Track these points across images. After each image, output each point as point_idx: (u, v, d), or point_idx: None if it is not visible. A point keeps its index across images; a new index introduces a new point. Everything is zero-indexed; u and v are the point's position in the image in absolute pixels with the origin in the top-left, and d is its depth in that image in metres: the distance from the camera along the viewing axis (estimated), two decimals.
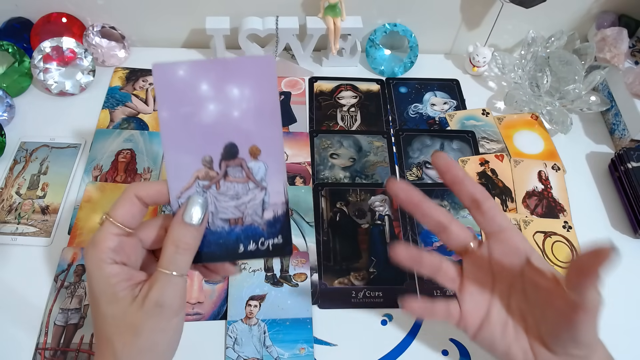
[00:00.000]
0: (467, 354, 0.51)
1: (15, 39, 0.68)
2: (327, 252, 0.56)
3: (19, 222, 0.56)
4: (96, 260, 0.33)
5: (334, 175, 0.63)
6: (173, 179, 0.34)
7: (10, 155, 0.61)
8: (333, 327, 0.52)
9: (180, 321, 0.35)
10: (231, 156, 0.35)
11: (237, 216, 0.36)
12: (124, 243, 0.34)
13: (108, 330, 0.33)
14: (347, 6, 0.69)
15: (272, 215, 0.36)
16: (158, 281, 0.33)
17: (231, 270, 0.38)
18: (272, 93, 0.35)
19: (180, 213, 0.34)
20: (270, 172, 0.36)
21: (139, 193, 0.34)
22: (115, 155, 0.62)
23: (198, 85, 0.34)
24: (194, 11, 0.70)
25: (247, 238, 0.36)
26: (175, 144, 0.34)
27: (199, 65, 0.34)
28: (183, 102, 0.34)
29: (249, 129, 0.35)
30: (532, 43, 0.70)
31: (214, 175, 0.35)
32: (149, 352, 0.33)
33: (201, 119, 0.34)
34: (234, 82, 0.34)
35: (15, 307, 0.51)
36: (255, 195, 0.36)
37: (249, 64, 0.34)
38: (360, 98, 0.72)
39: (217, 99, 0.34)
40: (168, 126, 0.34)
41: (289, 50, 0.73)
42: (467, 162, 0.65)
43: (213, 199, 0.35)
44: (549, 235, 0.59)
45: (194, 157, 0.34)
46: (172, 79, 0.33)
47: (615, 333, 0.54)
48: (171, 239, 0.33)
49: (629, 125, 0.67)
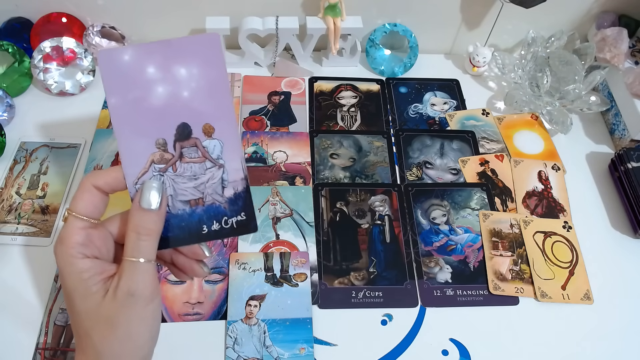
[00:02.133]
0: (467, 354, 0.51)
1: (15, 39, 0.68)
2: (327, 252, 0.56)
3: (19, 222, 0.56)
4: (66, 257, 0.32)
5: (334, 175, 0.63)
6: (128, 165, 0.34)
7: (10, 155, 0.61)
8: (333, 327, 0.52)
9: (157, 307, 0.34)
10: (185, 136, 0.35)
11: (197, 197, 0.35)
12: (92, 236, 0.33)
13: (85, 325, 0.33)
14: (347, 6, 0.69)
15: (233, 192, 0.36)
16: (126, 270, 0.33)
17: (199, 271, 0.38)
18: (220, 70, 0.34)
19: (137, 199, 0.33)
20: (226, 149, 0.35)
21: (96, 182, 0.34)
22: (116, 155, 0.62)
23: (145, 69, 0.33)
24: (194, 11, 0.70)
25: (210, 218, 0.36)
26: (127, 130, 0.34)
27: (144, 48, 0.33)
28: (131, 87, 0.33)
29: (200, 107, 0.34)
30: (532, 43, 0.70)
31: (169, 157, 0.35)
32: (129, 341, 0.33)
33: (151, 102, 0.34)
34: (180, 62, 0.34)
35: (15, 307, 0.51)
36: (214, 173, 0.36)
37: (194, 43, 0.34)
38: (360, 98, 0.72)
39: (165, 81, 0.34)
40: (118, 112, 0.33)
41: (289, 50, 0.73)
42: (467, 162, 0.65)
43: (171, 181, 0.35)
44: (549, 235, 0.59)
45: (148, 141, 0.34)
46: (118, 65, 0.33)
47: (616, 333, 0.54)
48: (132, 226, 0.33)
49: (629, 125, 0.67)
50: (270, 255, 0.55)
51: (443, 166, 0.65)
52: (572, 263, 0.57)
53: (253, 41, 0.72)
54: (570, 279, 0.56)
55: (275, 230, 0.57)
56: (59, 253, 0.33)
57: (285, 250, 0.56)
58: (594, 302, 0.55)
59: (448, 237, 0.59)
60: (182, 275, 0.39)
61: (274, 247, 0.56)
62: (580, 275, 0.57)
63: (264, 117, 0.68)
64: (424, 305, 0.54)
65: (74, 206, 0.33)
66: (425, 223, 0.60)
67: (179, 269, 0.38)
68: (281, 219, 0.58)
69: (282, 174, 0.62)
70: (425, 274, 0.56)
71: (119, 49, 0.33)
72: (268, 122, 0.68)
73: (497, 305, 0.54)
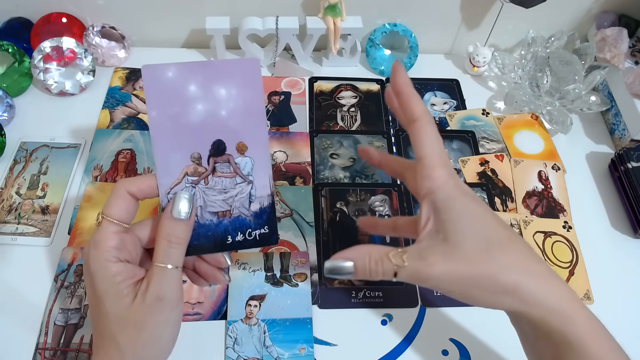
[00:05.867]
0: (467, 354, 0.51)
1: (15, 39, 0.68)
2: (327, 252, 0.56)
3: (19, 222, 0.56)
4: (100, 260, 0.33)
5: (334, 175, 0.63)
6: (162, 176, 0.35)
7: (10, 155, 0.61)
8: (333, 327, 0.52)
9: (180, 312, 0.36)
10: (219, 153, 0.36)
11: (225, 209, 0.37)
12: (125, 240, 0.34)
13: (111, 327, 0.33)
14: (347, 6, 0.69)
15: (259, 207, 0.38)
16: (155, 275, 0.34)
17: (221, 278, 0.39)
18: (257, 93, 0.36)
19: (169, 209, 0.35)
20: (256, 166, 0.37)
21: (131, 189, 0.35)
22: (115, 155, 0.62)
23: (186, 86, 0.35)
24: (194, 11, 0.70)
25: (235, 230, 0.37)
26: (164, 142, 0.35)
27: (187, 67, 0.35)
28: (172, 102, 0.35)
29: (235, 126, 0.36)
30: (532, 43, 0.70)
31: (202, 171, 0.36)
32: (153, 344, 0.34)
33: (189, 118, 0.35)
34: (221, 83, 0.35)
35: (15, 307, 0.51)
36: (243, 188, 0.37)
37: (235, 66, 0.36)
38: (360, 98, 0.72)
39: (205, 99, 0.35)
40: (157, 125, 0.35)
41: (289, 50, 0.73)
42: (467, 162, 0.65)
43: (202, 193, 0.36)
44: (549, 235, 0.59)
45: (183, 154, 0.36)
46: (161, 80, 0.34)
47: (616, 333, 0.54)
48: (163, 234, 0.34)
49: (629, 125, 0.67)
50: (270, 255, 0.55)
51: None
52: (572, 263, 0.57)
53: (253, 41, 0.72)
54: (570, 279, 0.56)
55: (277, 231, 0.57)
56: (93, 256, 0.33)
57: (285, 250, 0.56)
58: (594, 302, 0.55)
59: None
60: (201, 282, 0.40)
61: (274, 247, 0.56)
62: (580, 275, 0.57)
63: None
64: (424, 305, 0.54)
65: (108, 211, 0.34)
66: None
67: (200, 275, 0.39)
68: (281, 219, 0.58)
69: (282, 174, 0.62)
70: None
71: (163, 65, 0.34)
72: (268, 122, 0.68)
73: None
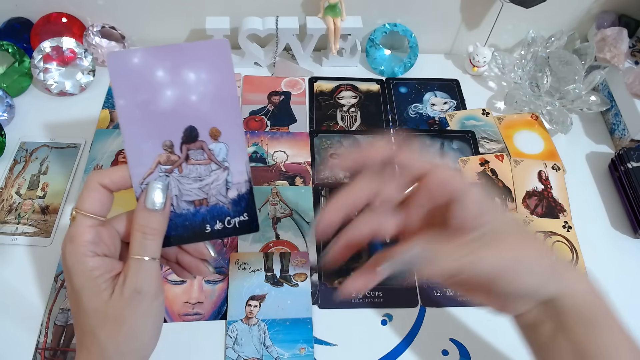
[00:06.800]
0: (467, 354, 0.51)
1: (15, 39, 0.68)
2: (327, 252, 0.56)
3: (19, 222, 0.56)
4: (76, 255, 0.32)
5: (334, 175, 0.63)
6: (134, 166, 0.34)
7: (10, 155, 0.61)
8: (333, 327, 0.52)
9: (161, 305, 0.35)
10: (192, 139, 0.35)
11: (201, 197, 0.36)
12: (101, 233, 0.34)
13: (91, 323, 0.33)
14: (347, 6, 0.69)
15: (237, 193, 0.37)
16: (132, 268, 0.33)
17: (204, 270, 0.38)
18: (228, 76, 0.35)
19: (142, 199, 0.34)
20: (231, 152, 0.36)
21: (103, 181, 0.34)
22: (115, 155, 0.62)
23: (154, 72, 0.34)
24: (194, 11, 0.70)
25: (213, 218, 0.36)
26: (134, 131, 0.34)
27: (154, 51, 0.34)
28: (140, 89, 0.34)
29: (207, 111, 0.35)
30: (532, 43, 0.70)
31: (175, 159, 0.35)
32: (134, 338, 0.34)
33: (159, 104, 0.34)
34: (189, 66, 0.34)
35: (15, 307, 0.51)
36: (218, 175, 0.36)
37: (203, 48, 0.35)
38: (360, 98, 0.72)
39: (174, 84, 0.34)
40: (126, 114, 0.34)
41: (289, 50, 0.73)
42: (467, 162, 0.65)
43: (176, 182, 0.36)
44: (549, 235, 0.59)
45: (155, 142, 0.35)
46: (128, 67, 0.33)
47: None
48: (137, 226, 0.33)
49: (629, 125, 0.67)
50: (270, 255, 0.55)
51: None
52: (572, 263, 0.57)
53: (253, 41, 0.72)
54: None
55: (275, 230, 0.57)
56: (68, 251, 0.33)
57: (285, 250, 0.56)
58: None
59: None
60: (185, 274, 0.39)
61: (274, 247, 0.56)
62: None
63: (264, 117, 0.68)
64: (424, 305, 0.54)
65: (82, 204, 0.33)
66: None
67: (184, 268, 0.39)
68: (281, 219, 0.58)
69: (282, 174, 0.62)
70: None
71: (129, 50, 0.34)
72: (268, 122, 0.68)
73: None
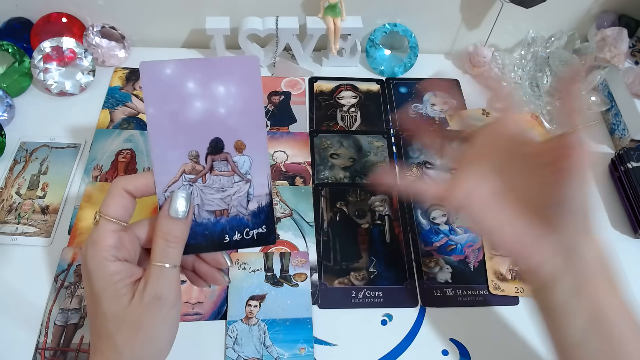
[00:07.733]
0: (467, 354, 0.51)
1: (15, 39, 0.68)
2: (327, 252, 0.56)
3: (19, 222, 0.56)
4: (98, 259, 0.33)
5: (334, 175, 0.63)
6: (159, 174, 0.35)
7: (10, 155, 0.61)
8: (333, 327, 0.52)
9: (178, 312, 0.35)
10: (217, 151, 0.36)
11: (222, 208, 0.37)
12: (123, 239, 0.34)
13: (109, 327, 0.33)
14: (347, 6, 0.69)
15: (257, 206, 0.37)
16: (153, 274, 0.33)
17: (220, 280, 0.39)
18: (256, 91, 0.36)
19: (166, 207, 0.34)
20: (254, 165, 0.37)
21: (127, 187, 0.34)
22: (115, 155, 0.62)
23: (185, 83, 0.34)
24: (194, 11, 0.70)
25: (232, 229, 0.37)
26: (161, 140, 0.35)
27: (186, 63, 0.34)
28: (170, 100, 0.34)
29: (234, 125, 0.36)
30: (532, 43, 0.70)
31: (200, 169, 0.36)
32: (150, 344, 0.34)
33: (188, 115, 0.35)
34: (219, 80, 0.35)
35: (15, 307, 0.51)
36: (240, 187, 0.37)
37: (234, 63, 0.35)
38: (360, 98, 0.72)
39: (204, 96, 0.35)
40: (155, 122, 0.34)
41: (289, 50, 0.73)
42: None
43: (199, 191, 0.36)
44: None
45: (181, 152, 0.35)
46: (159, 77, 0.34)
47: None
48: (160, 233, 0.34)
49: (629, 125, 0.67)
50: (270, 255, 0.55)
51: (443, 166, 0.65)
52: None
53: (253, 41, 0.72)
54: None
55: (275, 230, 0.57)
56: (90, 255, 0.33)
57: (285, 250, 0.56)
58: None
59: (448, 237, 0.59)
60: (200, 283, 0.39)
61: (274, 247, 0.56)
62: None
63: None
64: (424, 305, 0.54)
65: (106, 209, 0.34)
66: (425, 223, 0.60)
67: (200, 276, 0.39)
68: (281, 219, 0.58)
69: (282, 174, 0.62)
70: (425, 274, 0.56)
71: (162, 61, 0.34)
72: (268, 122, 0.68)
73: (497, 305, 0.54)
